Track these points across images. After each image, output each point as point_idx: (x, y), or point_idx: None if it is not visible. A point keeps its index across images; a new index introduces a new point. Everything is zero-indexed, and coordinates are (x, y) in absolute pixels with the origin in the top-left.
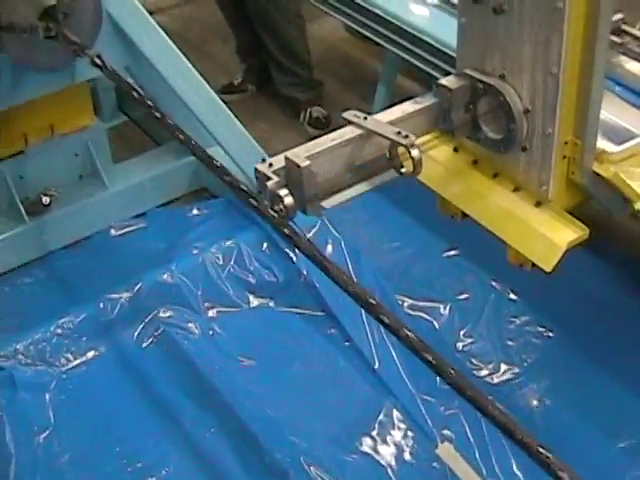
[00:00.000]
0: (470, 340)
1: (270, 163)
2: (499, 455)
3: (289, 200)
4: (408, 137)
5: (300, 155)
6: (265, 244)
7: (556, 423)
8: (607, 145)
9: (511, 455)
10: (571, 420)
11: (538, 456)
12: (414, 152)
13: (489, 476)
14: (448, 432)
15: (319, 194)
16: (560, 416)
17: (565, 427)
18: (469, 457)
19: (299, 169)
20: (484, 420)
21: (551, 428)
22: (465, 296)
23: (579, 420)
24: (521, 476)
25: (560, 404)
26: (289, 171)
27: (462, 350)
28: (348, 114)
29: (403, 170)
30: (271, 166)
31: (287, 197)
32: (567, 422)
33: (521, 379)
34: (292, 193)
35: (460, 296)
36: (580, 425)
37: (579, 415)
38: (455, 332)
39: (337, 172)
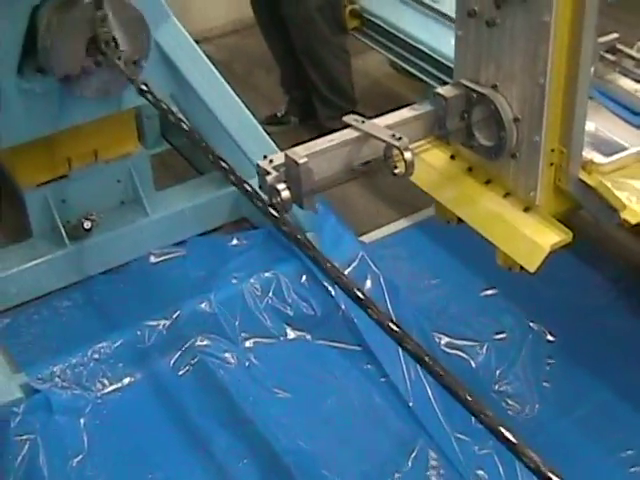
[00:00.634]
0: (506, 380)
1: (271, 160)
2: None
3: (286, 194)
4: (402, 139)
5: (299, 153)
6: (304, 277)
7: (595, 467)
8: (598, 157)
9: None
10: (615, 465)
11: None
12: (407, 154)
13: None
14: (482, 472)
15: (315, 189)
16: (600, 460)
17: (604, 472)
18: None
19: (297, 166)
20: (518, 462)
21: (590, 472)
22: (502, 336)
23: (620, 465)
24: None
25: (596, 446)
26: (288, 167)
27: (498, 390)
28: (348, 118)
29: (397, 171)
30: (271, 162)
31: (284, 191)
32: (608, 466)
33: (557, 421)
34: (289, 188)
35: (497, 336)
36: (621, 470)
37: (618, 461)
38: (491, 372)
39: (335, 171)
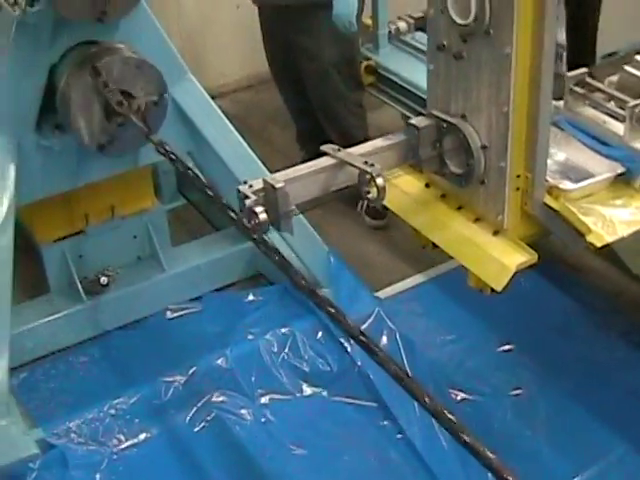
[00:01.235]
0: (524, 436)
1: (250, 185)
2: None
3: (263, 216)
4: (374, 166)
5: (277, 178)
6: (320, 333)
7: None
8: (567, 184)
9: None
10: None
11: None
12: (379, 180)
13: None
14: None
15: (291, 213)
16: None
17: None
18: None
19: (274, 190)
20: None
21: None
22: (519, 392)
23: None
24: None
25: None
26: (266, 192)
27: (516, 446)
28: (325, 147)
29: (369, 196)
30: (251, 187)
31: (262, 214)
32: None
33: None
34: (267, 211)
35: (514, 391)
36: None
37: None
38: (509, 427)
39: (312, 196)
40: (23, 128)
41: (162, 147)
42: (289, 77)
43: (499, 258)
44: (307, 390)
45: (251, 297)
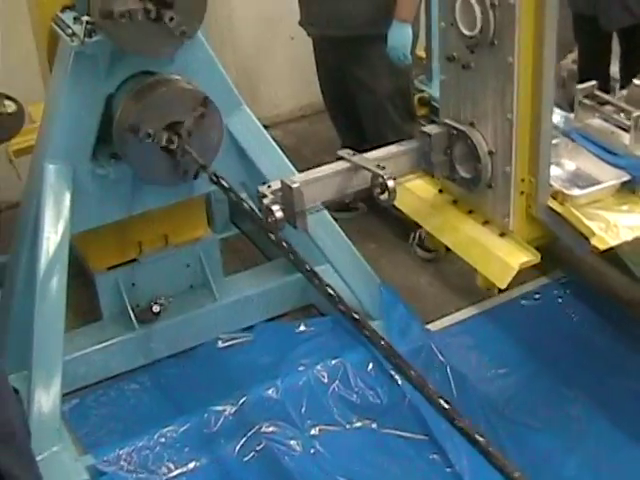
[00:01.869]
0: (573, 472)
1: (269, 185)
2: None
3: (280, 214)
4: (385, 169)
5: (293, 179)
6: (371, 365)
7: None
8: (575, 190)
9: None
10: None
11: None
12: (390, 182)
13: None
14: None
15: (306, 212)
16: None
17: None
18: None
19: (290, 190)
20: None
21: None
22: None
23: None
24: None
25: None
26: (283, 192)
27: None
28: (341, 152)
29: (382, 197)
30: (269, 187)
31: (278, 212)
32: None
33: None
34: (284, 209)
35: (565, 426)
36: None
37: None
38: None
39: (327, 197)
40: (79, 157)
41: (215, 177)
42: (342, 108)
43: (503, 258)
44: (357, 422)
45: (302, 328)
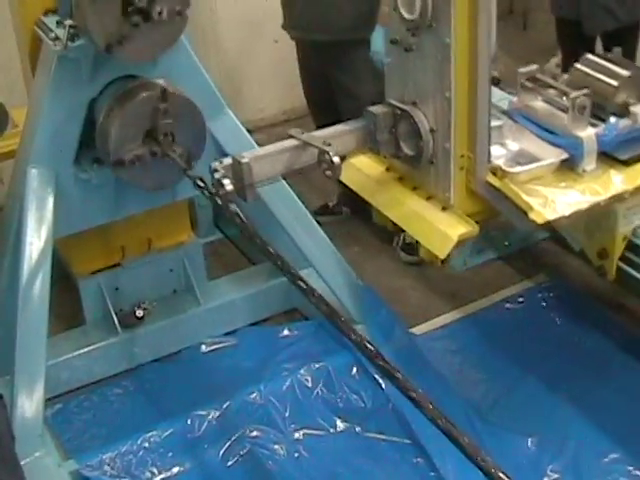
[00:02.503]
0: (556, 476)
1: (220, 161)
2: None
3: (230, 187)
4: (331, 146)
5: (243, 155)
6: (355, 369)
7: None
8: (516, 168)
9: None
10: None
11: None
12: (335, 158)
13: None
14: None
15: (255, 185)
16: None
17: None
18: None
19: (240, 164)
20: None
21: None
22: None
23: None
24: None
25: None
26: (234, 167)
27: None
28: (291, 130)
29: (327, 173)
30: (221, 163)
31: (228, 185)
32: None
33: None
34: (234, 183)
35: (549, 431)
36: None
37: None
38: (543, 466)
39: (276, 172)
40: (62, 161)
41: (200, 182)
42: (326, 112)
43: (443, 230)
44: (341, 426)
45: (286, 332)
